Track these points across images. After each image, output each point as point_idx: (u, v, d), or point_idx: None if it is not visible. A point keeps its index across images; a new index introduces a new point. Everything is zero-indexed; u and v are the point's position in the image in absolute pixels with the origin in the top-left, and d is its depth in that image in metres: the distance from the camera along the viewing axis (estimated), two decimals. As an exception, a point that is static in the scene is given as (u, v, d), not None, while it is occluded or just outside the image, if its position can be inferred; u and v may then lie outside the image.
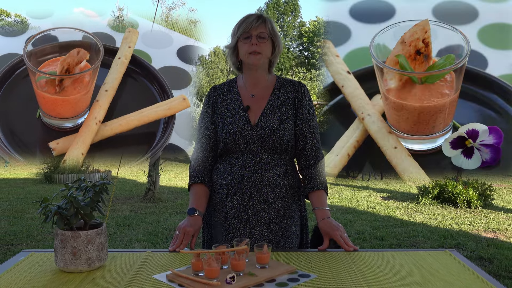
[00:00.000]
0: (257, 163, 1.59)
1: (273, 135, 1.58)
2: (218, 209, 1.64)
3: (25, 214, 5.89)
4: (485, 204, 6.24)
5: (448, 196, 6.34)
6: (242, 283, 1.16)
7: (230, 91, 1.68)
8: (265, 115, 1.61)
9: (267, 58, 1.62)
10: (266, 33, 1.58)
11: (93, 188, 1.30)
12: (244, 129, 1.59)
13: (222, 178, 1.63)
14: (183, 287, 1.16)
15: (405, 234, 4.83)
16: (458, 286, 1.18)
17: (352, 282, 1.19)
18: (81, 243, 1.25)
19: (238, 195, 1.59)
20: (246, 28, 1.57)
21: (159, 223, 5.37)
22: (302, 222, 1.71)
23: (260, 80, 1.66)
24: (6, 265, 1.33)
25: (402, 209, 6.20)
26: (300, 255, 1.43)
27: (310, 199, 1.64)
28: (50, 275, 1.24)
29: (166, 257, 1.40)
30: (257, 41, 1.57)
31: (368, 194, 7.52)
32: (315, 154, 1.64)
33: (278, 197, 1.60)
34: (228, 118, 1.62)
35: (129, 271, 1.27)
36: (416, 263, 1.35)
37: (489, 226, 5.21)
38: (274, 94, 1.65)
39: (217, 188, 1.65)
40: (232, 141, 1.59)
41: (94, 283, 1.18)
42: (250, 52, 1.57)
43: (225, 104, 1.65)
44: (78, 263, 1.25)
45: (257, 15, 1.60)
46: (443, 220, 5.50)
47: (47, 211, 1.25)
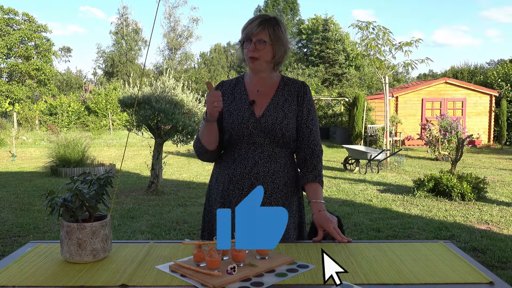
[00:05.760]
0: (259, 154, 1.64)
1: (276, 128, 1.63)
2: (219, 198, 1.68)
3: (32, 207, 5.91)
4: (479, 197, 6.30)
5: (443, 189, 6.40)
6: (242, 273, 1.18)
7: (237, 86, 1.73)
8: (270, 109, 1.65)
9: (266, 62, 1.65)
10: (266, 39, 1.60)
11: (97, 181, 1.32)
12: (249, 121, 1.63)
13: (225, 168, 1.68)
14: (185, 278, 1.18)
15: (401, 226, 4.88)
16: (453, 276, 1.20)
17: (350, 272, 1.22)
18: (86, 234, 1.27)
19: (240, 185, 1.64)
20: (247, 33, 1.60)
21: (162, 215, 5.41)
22: (301, 214, 1.75)
23: (264, 79, 1.70)
24: (14, 256, 1.35)
25: (398, 202, 6.26)
26: (299, 247, 1.45)
27: (306, 192, 1.68)
28: (56, 266, 1.26)
29: (169, 248, 1.43)
30: (256, 47, 1.60)
31: (365, 187, 7.56)
32: (312, 149, 1.68)
33: (278, 189, 1.65)
34: (234, 110, 1.66)
35: (133, 262, 1.29)
36: (412, 254, 1.37)
37: (482, 218, 5.27)
38: (279, 91, 1.70)
39: (220, 177, 1.69)
40: (236, 132, 1.63)
41: (98, 274, 1.20)
42: (249, 57, 1.62)
43: (232, 98, 1.70)
44: (83, 254, 1.27)
45: (260, 20, 1.61)
46: (438, 213, 5.56)
47: (53, 204, 1.27)
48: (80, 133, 11.13)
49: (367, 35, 10.30)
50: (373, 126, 15.60)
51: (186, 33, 41.47)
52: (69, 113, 21.96)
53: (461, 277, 1.19)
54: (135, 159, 11.96)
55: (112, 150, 14.75)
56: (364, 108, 15.35)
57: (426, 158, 12.33)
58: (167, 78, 7.02)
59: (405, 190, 7.08)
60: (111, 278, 1.17)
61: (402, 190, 7.12)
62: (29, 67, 27.47)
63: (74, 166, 8.74)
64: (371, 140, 15.20)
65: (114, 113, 22.75)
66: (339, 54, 36.34)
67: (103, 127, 22.12)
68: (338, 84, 34.26)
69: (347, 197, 6.66)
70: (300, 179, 1.70)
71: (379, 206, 5.98)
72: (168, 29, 41.54)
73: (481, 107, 16.93)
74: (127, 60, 40.42)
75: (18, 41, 27.63)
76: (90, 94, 24.32)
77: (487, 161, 11.86)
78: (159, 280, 1.17)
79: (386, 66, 10.49)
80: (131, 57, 40.84)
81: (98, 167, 8.79)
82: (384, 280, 1.17)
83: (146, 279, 1.17)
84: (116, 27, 40.87)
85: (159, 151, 6.98)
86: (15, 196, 6.64)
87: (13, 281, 1.15)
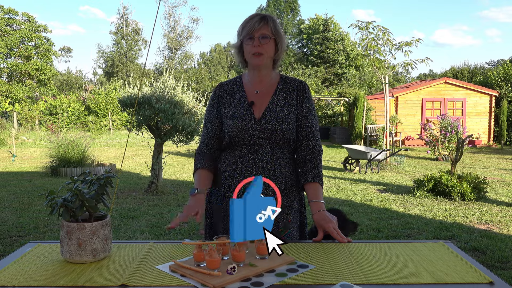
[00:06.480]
0: (260, 155, 1.64)
1: (277, 128, 1.62)
2: (221, 200, 1.68)
3: (32, 207, 5.92)
4: (479, 197, 6.30)
5: (443, 189, 6.40)
6: (242, 273, 1.18)
7: (235, 87, 1.72)
8: (269, 110, 1.65)
9: (270, 58, 1.65)
10: (269, 34, 1.61)
11: (97, 181, 1.32)
12: (249, 123, 1.63)
13: (226, 169, 1.68)
14: (185, 277, 1.18)
15: (401, 226, 4.88)
16: (452, 276, 1.20)
17: (350, 272, 1.22)
18: (86, 234, 1.27)
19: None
20: (249, 30, 1.60)
21: (162, 215, 5.42)
22: (302, 214, 1.75)
23: (264, 78, 1.70)
24: (14, 255, 1.35)
25: (398, 202, 6.25)
26: (299, 246, 1.46)
27: (306, 192, 1.68)
28: (56, 266, 1.26)
29: (169, 248, 1.43)
30: (260, 42, 1.60)
31: (365, 187, 7.56)
32: (312, 149, 1.68)
33: (279, 189, 1.64)
34: (233, 112, 1.66)
35: (133, 262, 1.29)
36: (412, 254, 1.37)
37: (482, 218, 5.27)
38: (278, 90, 1.69)
39: (221, 179, 1.69)
40: (237, 134, 1.63)
41: (98, 274, 1.20)
42: (253, 53, 1.60)
43: (230, 100, 1.70)
44: (83, 254, 1.27)
45: (260, 16, 1.62)
46: (437, 212, 5.56)
47: (53, 204, 1.27)
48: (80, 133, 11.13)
49: (367, 35, 10.30)
50: (373, 126, 15.60)
51: (186, 33, 41.50)
52: (69, 113, 21.97)
53: (461, 277, 1.19)
54: (135, 159, 11.96)
55: (112, 150, 14.75)
56: (364, 108, 15.35)
57: (426, 158, 12.33)
58: (167, 78, 7.03)
59: (405, 190, 7.08)
60: (111, 278, 1.17)
61: (402, 190, 7.12)
62: (29, 67, 27.47)
63: (74, 166, 8.75)
64: (371, 140, 15.19)
65: (114, 113, 22.76)
66: (339, 54, 36.35)
67: (103, 127, 22.13)
68: (338, 84, 34.28)
69: (347, 197, 6.65)
70: (300, 179, 1.70)
71: (379, 206, 5.98)
72: (168, 29, 41.58)
73: (481, 107, 16.92)
74: (127, 60, 40.43)
75: (18, 41, 27.64)
76: (90, 94, 24.34)
77: (487, 161, 11.86)
78: (159, 280, 1.17)
79: (386, 66, 10.49)
80: (131, 57, 40.86)
81: (98, 167, 8.79)
82: (384, 280, 1.17)
83: (146, 279, 1.17)
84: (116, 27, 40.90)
85: (159, 151, 6.98)
86: (15, 196, 6.65)
87: (13, 281, 1.15)
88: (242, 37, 1.63)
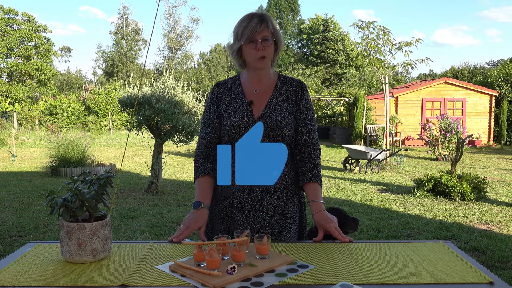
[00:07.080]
0: None
1: (276, 128, 1.62)
2: (221, 200, 1.68)
3: (32, 207, 5.92)
4: (479, 197, 6.30)
5: (443, 189, 6.40)
6: (242, 273, 1.18)
7: (234, 87, 1.71)
8: (268, 109, 1.64)
9: (271, 59, 1.65)
10: (270, 36, 1.60)
11: (97, 181, 1.32)
12: (248, 122, 1.62)
13: None
14: (185, 277, 1.18)
15: (401, 226, 4.88)
16: (453, 276, 1.20)
17: (350, 272, 1.22)
18: (86, 234, 1.27)
19: (241, 186, 1.63)
20: (250, 33, 1.57)
21: (162, 215, 5.42)
22: (301, 213, 1.75)
23: (263, 77, 1.69)
24: (14, 255, 1.36)
25: (398, 202, 6.25)
26: (299, 246, 1.46)
27: (305, 192, 1.68)
28: (56, 266, 1.26)
29: (169, 248, 1.43)
30: (263, 46, 1.59)
31: (365, 187, 7.56)
32: (310, 149, 1.68)
33: (279, 189, 1.64)
34: (232, 112, 1.65)
35: (133, 262, 1.29)
36: (412, 254, 1.37)
37: (482, 218, 5.27)
38: (277, 90, 1.69)
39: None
40: (236, 134, 1.62)
41: (98, 274, 1.20)
42: (259, 57, 1.59)
43: (229, 99, 1.68)
44: (83, 254, 1.27)
45: (259, 18, 1.59)
46: (437, 212, 5.56)
47: (53, 204, 1.27)
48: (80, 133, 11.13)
49: (367, 35, 10.30)
50: (373, 126, 15.60)
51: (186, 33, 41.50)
52: (69, 113, 21.97)
53: (461, 277, 1.19)
54: (135, 159, 11.96)
55: (112, 150, 14.75)
56: (364, 108, 15.35)
57: (426, 158, 12.33)
58: (167, 78, 7.03)
59: (405, 190, 7.08)
60: (111, 278, 1.18)
61: (402, 190, 7.12)
62: (29, 67, 27.47)
63: (74, 166, 8.75)
64: (371, 140, 15.19)
65: (114, 113, 22.76)
66: (339, 54, 36.36)
67: (103, 127, 22.13)
68: (338, 84, 34.28)
69: (347, 197, 6.65)
70: (299, 179, 1.70)
71: (379, 206, 5.98)
72: (168, 29, 41.58)
73: (481, 107, 16.92)
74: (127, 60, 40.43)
75: (18, 41, 27.63)
76: (90, 94, 24.34)
77: (487, 161, 11.86)
78: (159, 280, 1.17)
79: (386, 66, 10.49)
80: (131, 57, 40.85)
81: (98, 167, 8.79)
82: (384, 280, 1.17)
83: (146, 279, 1.17)
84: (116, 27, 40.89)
85: (159, 151, 6.98)
86: (15, 196, 6.65)
87: (13, 281, 1.15)
88: (243, 40, 1.59)
